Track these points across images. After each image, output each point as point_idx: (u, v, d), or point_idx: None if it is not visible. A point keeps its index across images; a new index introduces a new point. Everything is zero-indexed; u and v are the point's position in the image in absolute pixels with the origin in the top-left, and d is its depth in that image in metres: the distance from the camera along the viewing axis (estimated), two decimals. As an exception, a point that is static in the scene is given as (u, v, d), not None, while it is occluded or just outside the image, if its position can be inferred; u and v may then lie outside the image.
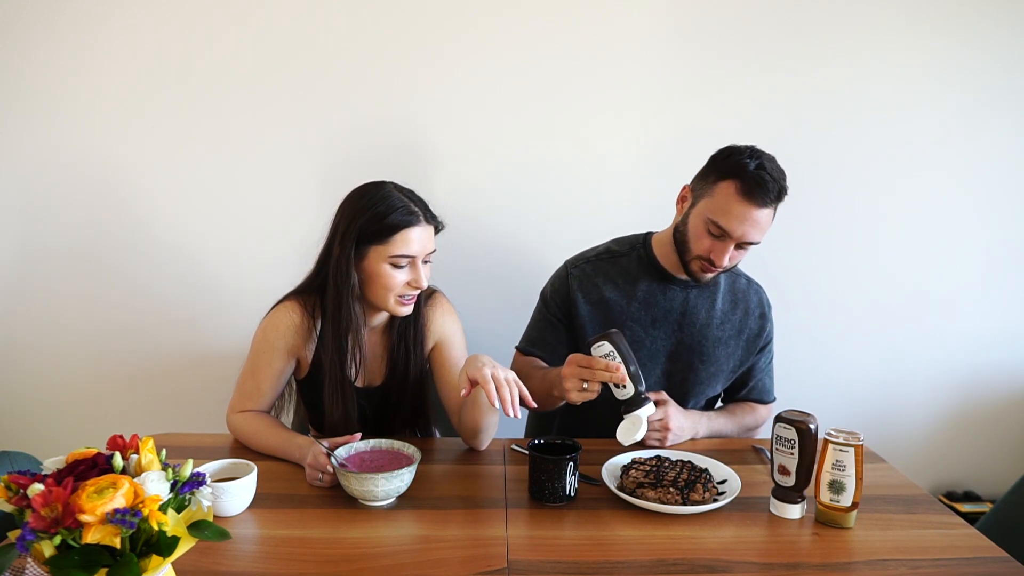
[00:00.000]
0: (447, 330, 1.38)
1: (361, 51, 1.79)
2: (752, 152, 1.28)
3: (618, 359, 1.12)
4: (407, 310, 1.28)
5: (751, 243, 1.27)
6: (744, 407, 1.49)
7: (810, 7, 1.81)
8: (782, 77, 1.84)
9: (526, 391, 1.11)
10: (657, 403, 1.27)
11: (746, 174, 1.24)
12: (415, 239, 1.22)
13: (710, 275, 1.33)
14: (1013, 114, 1.88)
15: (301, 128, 1.83)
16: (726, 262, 1.28)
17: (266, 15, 1.77)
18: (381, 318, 1.36)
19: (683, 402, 1.42)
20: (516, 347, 1.51)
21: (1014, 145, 1.90)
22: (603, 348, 1.14)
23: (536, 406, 1.16)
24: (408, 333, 1.35)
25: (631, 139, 1.86)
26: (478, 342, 1.56)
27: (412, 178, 1.36)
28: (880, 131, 1.88)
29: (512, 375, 1.11)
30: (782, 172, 1.28)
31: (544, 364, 1.45)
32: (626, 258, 1.45)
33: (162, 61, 1.79)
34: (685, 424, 1.32)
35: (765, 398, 1.51)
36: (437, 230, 1.29)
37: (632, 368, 1.12)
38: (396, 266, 1.22)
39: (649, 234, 1.47)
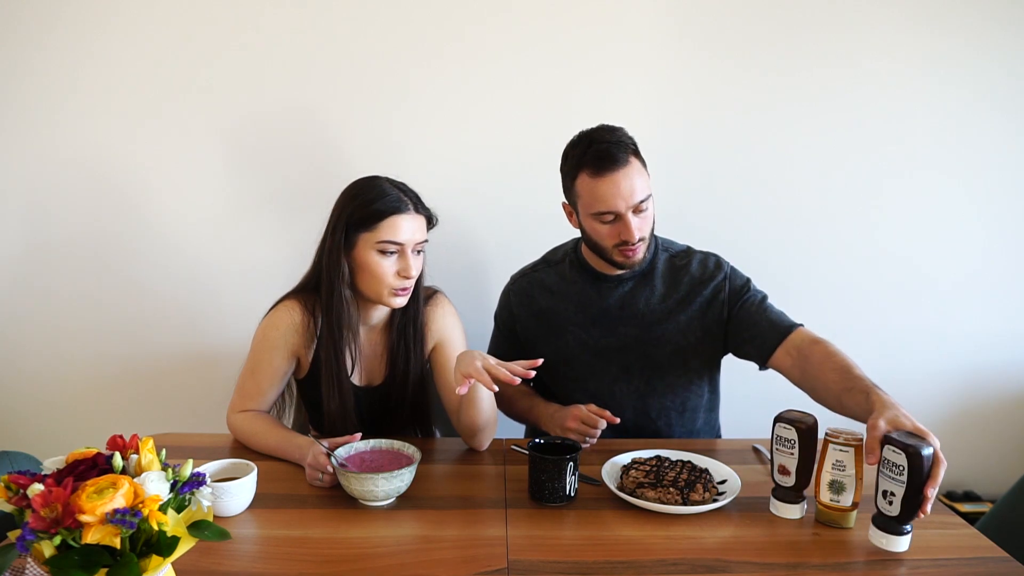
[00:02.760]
0: (448, 331, 1.38)
1: (361, 51, 1.79)
2: (578, 140, 1.33)
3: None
4: (401, 302, 1.27)
5: (643, 201, 1.28)
6: (823, 355, 1.29)
7: (810, 7, 1.80)
8: (781, 76, 1.84)
9: (516, 367, 1.11)
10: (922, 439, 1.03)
11: (587, 159, 1.28)
12: (403, 226, 1.22)
13: (637, 254, 1.32)
14: (1013, 114, 1.87)
15: (300, 128, 1.83)
16: (637, 234, 1.28)
17: (266, 18, 1.77)
18: (380, 316, 1.36)
19: (653, 393, 1.41)
20: None
21: (1014, 145, 1.90)
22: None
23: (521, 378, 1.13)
24: (408, 332, 1.35)
25: (631, 139, 1.86)
26: (480, 343, 1.56)
27: (413, 177, 1.36)
28: (880, 131, 1.87)
29: (501, 363, 1.12)
30: (612, 130, 1.31)
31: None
32: (560, 265, 1.48)
33: (164, 60, 1.79)
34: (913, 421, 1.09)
35: (787, 323, 1.35)
36: (430, 222, 1.29)
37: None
38: (384, 253, 1.22)
39: (579, 240, 1.48)
